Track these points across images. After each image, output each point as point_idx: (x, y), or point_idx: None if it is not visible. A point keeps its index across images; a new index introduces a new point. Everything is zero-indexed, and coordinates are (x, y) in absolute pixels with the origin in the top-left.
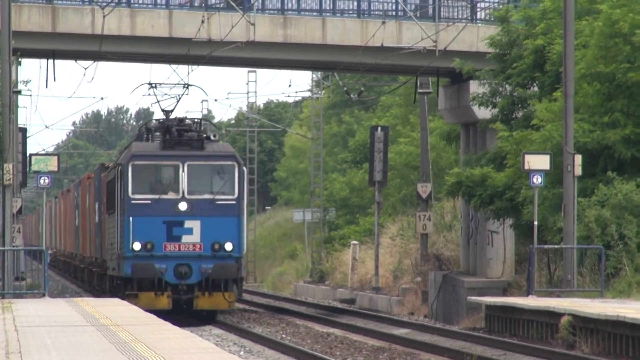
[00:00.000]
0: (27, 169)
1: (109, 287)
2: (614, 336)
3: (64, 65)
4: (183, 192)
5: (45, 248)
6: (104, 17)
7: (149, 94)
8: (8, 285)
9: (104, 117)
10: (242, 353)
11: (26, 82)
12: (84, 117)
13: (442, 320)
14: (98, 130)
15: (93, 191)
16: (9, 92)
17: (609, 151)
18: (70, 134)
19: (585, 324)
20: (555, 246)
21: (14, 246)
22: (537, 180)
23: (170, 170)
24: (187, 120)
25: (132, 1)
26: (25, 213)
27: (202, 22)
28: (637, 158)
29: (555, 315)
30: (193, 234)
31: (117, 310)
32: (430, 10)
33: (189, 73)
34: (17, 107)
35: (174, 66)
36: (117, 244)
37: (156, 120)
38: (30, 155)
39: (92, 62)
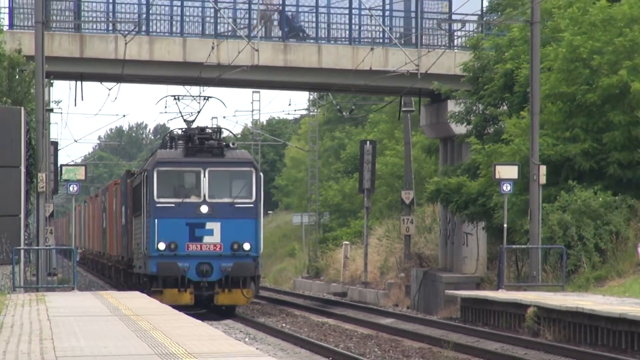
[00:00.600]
0: (58, 178)
1: (135, 283)
2: (574, 325)
3: (90, 87)
4: (204, 196)
5: (74, 247)
6: (125, 44)
7: (166, 109)
8: (42, 280)
9: (125, 132)
10: (247, 339)
11: (57, 102)
12: (108, 132)
13: (422, 311)
14: (120, 143)
15: (119, 196)
16: (42, 110)
17: (570, 163)
18: (96, 147)
19: (548, 315)
20: (522, 246)
21: (46, 246)
22: (507, 188)
23: (192, 175)
24: (207, 130)
25: (150, 30)
26: (57, 217)
27: (212, 48)
28: (595, 169)
29: (522, 306)
30: (214, 235)
31: (137, 302)
32: (413, 38)
33: (200, 93)
34: (49, 123)
35: (187, 87)
36: (143, 244)
37: (179, 129)
38: (61, 165)
39: (115, 83)
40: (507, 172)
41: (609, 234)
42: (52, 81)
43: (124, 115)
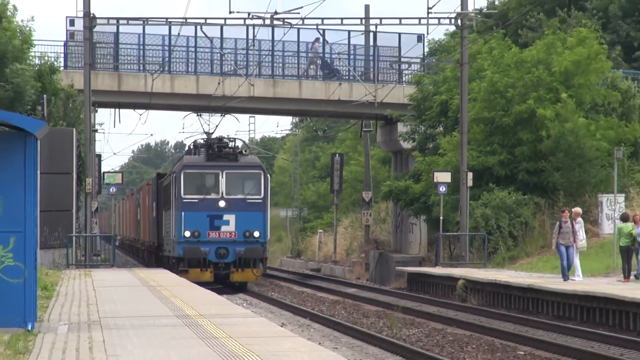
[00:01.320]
0: (102, 181)
1: (165, 264)
2: (493, 293)
3: (125, 113)
4: (222, 193)
5: (113, 235)
6: (152, 80)
7: (184, 129)
8: (88, 260)
9: (152, 147)
10: (244, 305)
11: (100, 124)
12: (140, 146)
13: (378, 283)
14: (149, 156)
15: (151, 194)
16: (89, 131)
17: (490, 170)
18: (130, 159)
19: (473, 285)
20: (454, 233)
21: (92, 233)
22: (442, 189)
23: (212, 176)
24: (224, 140)
25: (171, 69)
26: (100, 211)
27: (219, 83)
28: (509, 175)
29: (453, 279)
30: (229, 225)
31: (161, 276)
32: (372, 76)
33: (209, 119)
34: (94, 140)
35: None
36: (172, 232)
37: (201, 139)
38: (104, 172)
39: (145, 110)
40: (443, 177)
41: (520, 224)
42: (96, 109)
43: (151, 134)
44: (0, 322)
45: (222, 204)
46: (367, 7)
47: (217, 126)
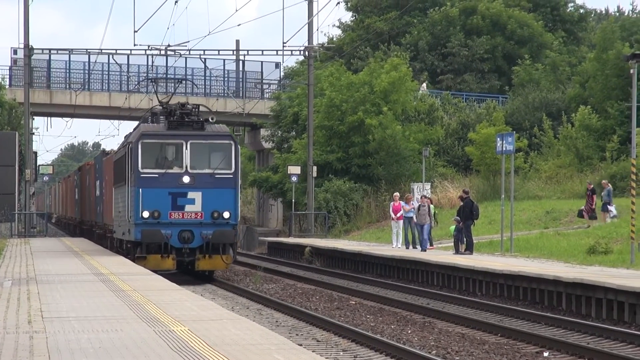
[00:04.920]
0: (37, 172)
1: (116, 248)
2: (332, 257)
3: (55, 120)
4: (186, 167)
5: (47, 212)
6: (76, 95)
7: (99, 132)
8: (27, 231)
9: (75, 146)
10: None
11: (36, 129)
12: (66, 145)
13: (246, 250)
14: (73, 153)
15: (93, 173)
16: (28, 134)
17: (330, 165)
18: (59, 155)
19: (317, 251)
20: (303, 212)
21: (30, 211)
22: (294, 179)
23: (175, 147)
24: (187, 106)
25: (90, 87)
26: (37, 194)
27: (126, 98)
28: (344, 168)
29: (302, 246)
30: (195, 204)
31: (81, 244)
32: (241, 93)
33: (118, 127)
34: (32, 141)
35: (115, 122)
36: (127, 212)
37: (160, 105)
38: (39, 165)
39: (70, 118)
40: (294, 170)
41: (352, 205)
42: (33, 117)
43: (74, 137)
44: None
45: (186, 179)
46: (237, 42)
47: (172, 94)
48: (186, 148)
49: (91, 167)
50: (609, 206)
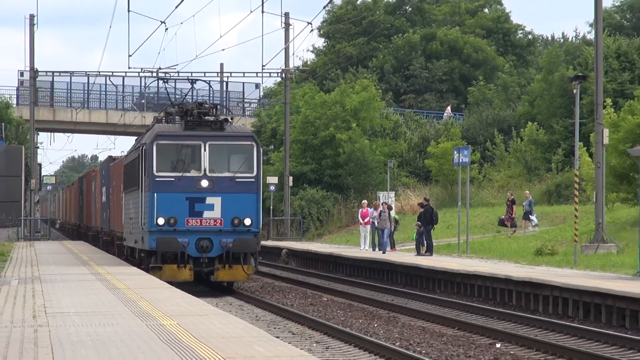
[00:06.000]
0: (41, 182)
1: (127, 256)
2: (306, 258)
3: (58, 135)
4: (205, 170)
5: (50, 218)
6: (76, 113)
7: (97, 147)
8: (32, 235)
9: (76, 158)
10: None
11: (41, 143)
12: (67, 158)
13: None
14: (73, 164)
15: (99, 179)
16: (33, 147)
17: (305, 175)
18: (61, 166)
19: (294, 253)
20: (280, 217)
21: (34, 217)
22: (272, 188)
23: (192, 149)
24: (205, 105)
25: (89, 105)
26: (41, 202)
27: (121, 116)
28: (317, 179)
29: (280, 248)
30: (214, 210)
31: (81, 247)
32: (225, 110)
33: (114, 142)
34: (37, 154)
35: (111, 137)
36: (140, 218)
37: (175, 105)
38: (43, 176)
39: (71, 133)
40: (273, 179)
41: (325, 211)
42: (38, 132)
43: (75, 150)
44: None
45: (204, 183)
46: (221, 65)
47: (185, 95)
48: (204, 149)
49: (97, 174)
50: (530, 215)
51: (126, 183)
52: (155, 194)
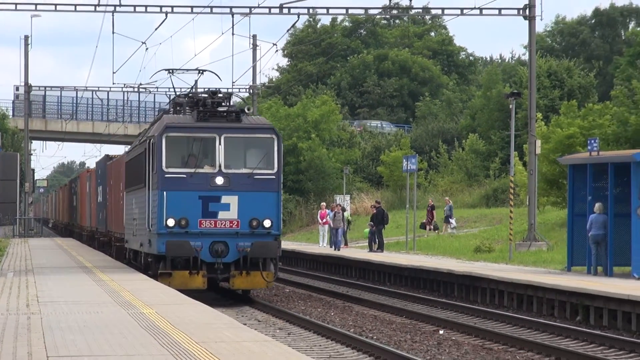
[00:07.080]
0: (35, 185)
1: (127, 259)
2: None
3: (49, 143)
4: (220, 166)
5: (43, 217)
6: (66, 124)
7: (85, 153)
8: (26, 233)
9: (65, 164)
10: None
11: (34, 150)
12: (58, 163)
13: None
14: (63, 169)
15: (94, 179)
16: (27, 154)
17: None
18: (52, 171)
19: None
20: None
21: (28, 217)
22: None
23: (206, 142)
24: (219, 94)
25: (77, 117)
26: (35, 203)
27: (106, 126)
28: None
29: None
30: (230, 210)
31: (70, 242)
32: None
33: (100, 148)
34: (30, 161)
35: (97, 145)
36: (147, 219)
37: (185, 95)
38: (36, 180)
39: (61, 142)
40: None
41: (288, 213)
42: (31, 141)
43: (65, 157)
44: None
45: (219, 180)
46: (196, 82)
47: (192, 86)
48: (219, 143)
49: (92, 174)
50: (450, 219)
51: (128, 181)
52: (164, 193)
